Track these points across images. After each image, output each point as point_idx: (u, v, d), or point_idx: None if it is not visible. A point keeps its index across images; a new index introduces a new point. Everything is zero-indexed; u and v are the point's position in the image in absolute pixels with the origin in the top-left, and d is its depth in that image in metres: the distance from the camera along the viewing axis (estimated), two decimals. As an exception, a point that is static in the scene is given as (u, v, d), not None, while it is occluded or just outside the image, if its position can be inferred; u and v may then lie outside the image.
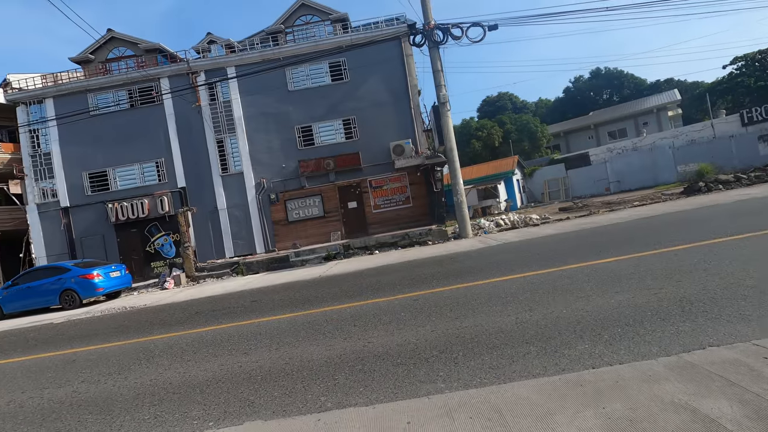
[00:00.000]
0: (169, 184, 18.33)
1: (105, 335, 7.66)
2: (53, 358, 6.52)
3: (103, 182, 18.39)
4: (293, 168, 18.07)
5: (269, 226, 18.15)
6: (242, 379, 4.16)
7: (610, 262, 6.62)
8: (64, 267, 13.33)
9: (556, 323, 4.25)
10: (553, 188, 30.75)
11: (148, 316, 9.07)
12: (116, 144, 18.24)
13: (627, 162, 27.49)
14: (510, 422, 2.58)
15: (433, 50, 14.55)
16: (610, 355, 3.32)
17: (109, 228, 18.23)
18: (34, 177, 18.27)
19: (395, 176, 18.06)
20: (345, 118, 18.12)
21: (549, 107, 54.34)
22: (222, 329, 6.56)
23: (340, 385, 3.64)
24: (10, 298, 13.23)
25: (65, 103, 18.00)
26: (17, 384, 5.33)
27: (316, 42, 17.97)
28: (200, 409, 3.62)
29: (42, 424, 3.87)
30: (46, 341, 8.07)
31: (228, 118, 18.24)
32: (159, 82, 18.20)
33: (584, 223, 12.84)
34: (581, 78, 51.94)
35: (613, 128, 39.82)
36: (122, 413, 3.82)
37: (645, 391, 2.67)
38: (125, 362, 5.51)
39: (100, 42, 18.81)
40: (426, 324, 4.95)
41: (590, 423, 2.43)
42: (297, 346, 4.97)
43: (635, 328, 3.78)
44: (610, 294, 4.89)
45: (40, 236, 18.22)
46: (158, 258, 18.38)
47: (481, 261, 8.99)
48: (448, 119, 14.83)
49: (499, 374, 3.33)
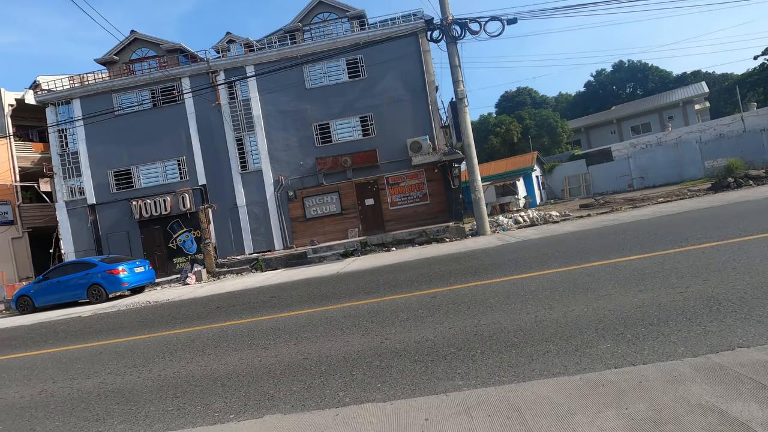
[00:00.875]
0: (191, 181, 18.71)
1: (130, 329, 7.89)
2: (82, 350, 6.75)
3: (127, 180, 18.90)
4: (311, 165, 18.21)
5: (287, 222, 18.36)
6: (262, 373, 4.23)
7: (633, 260, 6.46)
8: (91, 262, 13.78)
9: (577, 322, 4.17)
10: (573, 185, 30.15)
11: (170, 311, 9.30)
12: (140, 143, 18.71)
13: (651, 157, 26.74)
14: (530, 421, 2.55)
15: (450, 46, 14.42)
16: (633, 355, 3.25)
17: (134, 224, 18.74)
18: (63, 175, 18.90)
19: (412, 173, 18.01)
20: (362, 115, 18.14)
21: (569, 102, 53.22)
22: (242, 324, 6.67)
23: (357, 380, 3.66)
24: (42, 292, 13.76)
25: (91, 104, 18.54)
26: (48, 374, 5.54)
27: (334, 39, 18.01)
28: (221, 402, 3.70)
29: (72, 413, 4.02)
30: (75, 334, 8.36)
31: (247, 117, 18.49)
32: (180, 81, 18.57)
33: (606, 220, 12.56)
34: (603, 71, 50.64)
35: (637, 123, 38.74)
36: (147, 404, 3.93)
37: (670, 392, 2.60)
38: (149, 355, 5.67)
39: (124, 43, 19.29)
40: (444, 321, 4.93)
41: (612, 423, 2.38)
42: (315, 341, 5.02)
43: (660, 328, 3.68)
44: (633, 293, 4.77)
45: (68, 232, 18.87)
46: (180, 254, 18.81)
47: (499, 258, 8.90)
48: (465, 115, 14.69)
49: (518, 372, 3.29)
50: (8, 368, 6.28)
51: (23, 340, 8.57)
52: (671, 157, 25.90)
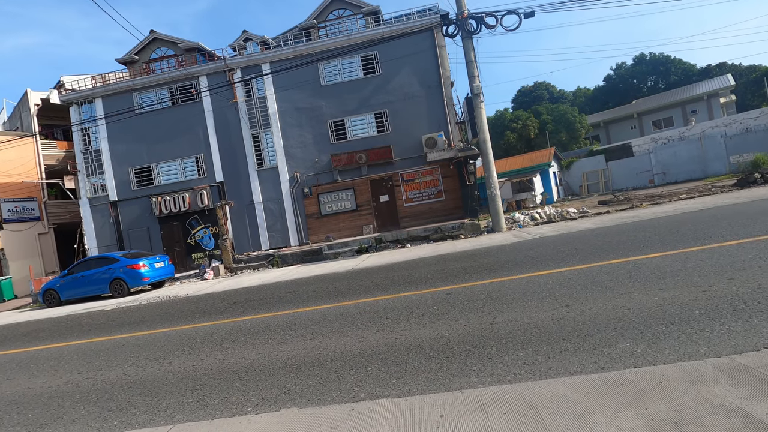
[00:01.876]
0: (208, 178, 19.01)
1: (151, 322, 8.09)
2: (105, 342, 6.96)
3: (147, 177, 19.32)
4: (326, 162, 18.30)
5: (303, 219, 18.51)
6: (278, 368, 4.29)
7: (653, 257, 6.31)
8: (114, 257, 14.16)
9: (595, 320, 4.11)
10: (592, 181, 29.59)
11: (189, 305, 9.50)
12: (159, 141, 19.09)
13: (673, 152, 26.03)
14: (546, 419, 2.53)
15: (466, 40, 14.27)
16: (654, 355, 3.18)
17: (153, 221, 19.16)
18: (86, 173, 19.42)
19: (427, 169, 17.94)
20: (377, 111, 18.13)
21: (588, 96, 52.15)
22: (259, 319, 6.77)
23: (373, 376, 3.69)
24: (67, 286, 14.20)
25: (113, 103, 18.98)
26: (74, 365, 5.73)
27: (348, 36, 18.01)
28: (239, 395, 3.77)
29: (96, 403, 4.16)
30: (98, 327, 8.62)
31: (263, 114, 18.67)
32: (198, 80, 18.84)
33: (626, 216, 12.30)
34: (624, 65, 49.43)
35: (659, 117, 37.73)
36: (167, 396, 4.03)
37: (692, 393, 2.54)
38: (170, 348, 5.81)
39: (143, 43, 19.66)
40: (459, 318, 4.91)
41: (631, 423, 2.35)
42: (331, 336, 5.06)
43: (681, 327, 3.60)
44: (654, 291, 4.67)
45: (91, 228, 19.40)
46: (198, 250, 19.17)
47: (515, 255, 8.81)
48: (481, 111, 14.54)
49: (534, 370, 3.27)
50: (36, 359, 6.51)
51: (50, 332, 8.87)
52: (694, 152, 25.17)
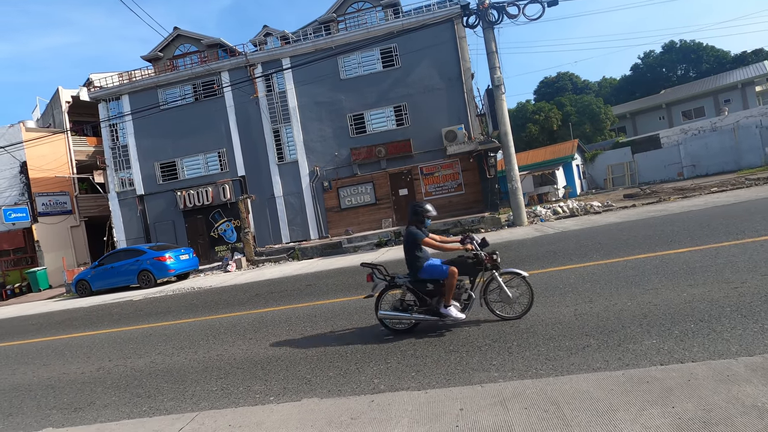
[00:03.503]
0: (230, 172, 19.34)
1: (177, 312, 8.34)
2: (134, 331, 7.21)
3: (172, 172, 19.79)
4: (345, 156, 18.35)
5: (322, 212, 18.66)
6: (299, 359, 4.36)
7: (682, 252, 6.12)
8: (141, 250, 14.60)
9: (619, 316, 4.02)
10: (617, 174, 28.77)
11: (213, 297, 9.73)
12: (183, 136, 19.50)
13: (704, 144, 25.02)
14: (568, 415, 2.49)
15: (487, 31, 14.02)
16: (682, 352, 3.10)
17: (178, 214, 19.65)
18: (114, 167, 20.04)
19: (447, 163, 17.78)
20: (396, 104, 18.04)
21: (614, 87, 50.51)
22: (280, 311, 6.89)
23: (392, 369, 3.71)
24: (98, 277, 14.75)
25: (139, 99, 19.47)
26: (105, 353, 5.96)
27: (368, 29, 17.93)
28: (262, 384, 3.85)
29: (126, 389, 4.32)
30: (127, 316, 8.93)
31: (283, 108, 18.83)
32: (220, 75, 19.13)
33: (652, 210, 11.93)
34: (652, 53, 47.61)
35: (689, 107, 36.27)
36: (193, 384, 4.16)
37: (722, 392, 2.46)
38: (195, 338, 5.97)
39: (168, 40, 20.06)
40: (478, 312, 4.88)
41: (657, 422, 2.29)
42: (351, 329, 5.11)
43: (711, 325, 3.48)
44: (682, 287, 4.53)
45: (120, 221, 20.05)
46: (221, 242, 19.58)
47: (536, 249, 8.67)
48: (502, 103, 14.30)
49: (556, 366, 3.22)
50: (70, 346, 6.81)
51: (82, 321, 9.25)
52: (727, 143, 24.13)
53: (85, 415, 3.83)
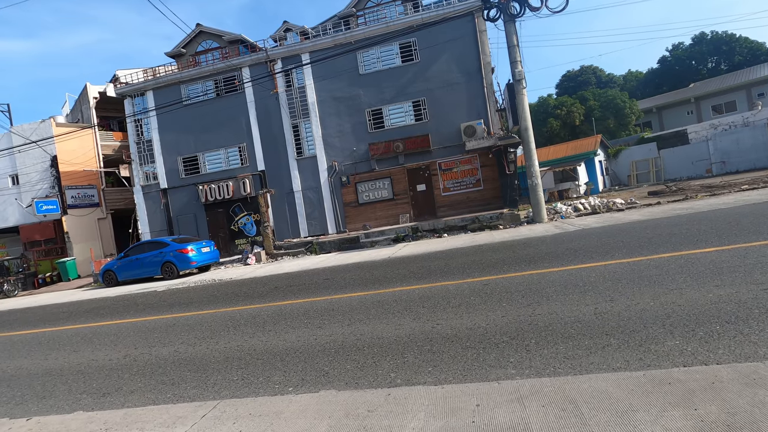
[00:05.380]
0: (250, 167, 19.64)
1: (199, 303, 8.56)
2: (158, 320, 7.44)
3: (194, 166, 20.23)
4: (363, 151, 18.40)
5: (340, 207, 18.78)
6: (317, 351, 4.43)
7: (708, 252, 5.94)
8: (165, 242, 15.00)
9: (641, 316, 3.94)
10: (641, 170, 28.00)
11: (234, 289, 9.94)
12: (205, 131, 19.89)
13: (735, 139, 24.10)
14: (586, 414, 2.47)
15: (508, 24, 13.79)
16: (706, 354, 3.02)
17: (200, 207, 20.09)
18: (139, 162, 20.61)
19: (466, 158, 17.64)
20: (415, 100, 17.96)
21: (640, 80, 49.03)
22: (298, 304, 7.00)
23: (409, 363, 3.73)
24: (123, 268, 15.24)
25: (163, 95, 19.92)
26: (131, 341, 6.18)
27: (387, 23, 17.86)
28: (281, 375, 3.94)
29: (151, 376, 4.48)
30: (151, 306, 9.22)
31: (302, 104, 18.98)
32: (240, 71, 19.40)
33: (678, 208, 11.59)
34: (681, 45, 45.97)
35: (719, 101, 34.93)
36: (215, 373, 4.28)
37: (747, 396, 2.40)
38: (216, 328, 6.13)
39: (190, 36, 20.44)
40: (496, 309, 4.86)
41: (679, 424, 2.26)
42: (367, 323, 5.16)
43: (738, 327, 3.38)
44: (708, 288, 4.40)
45: (144, 214, 20.64)
46: (241, 236, 19.94)
47: (556, 247, 8.55)
48: (523, 97, 14.07)
49: (574, 365, 3.19)
50: (98, 334, 7.08)
51: (109, 310, 9.59)
52: (760, 139, 23.18)
53: (113, 400, 3.99)
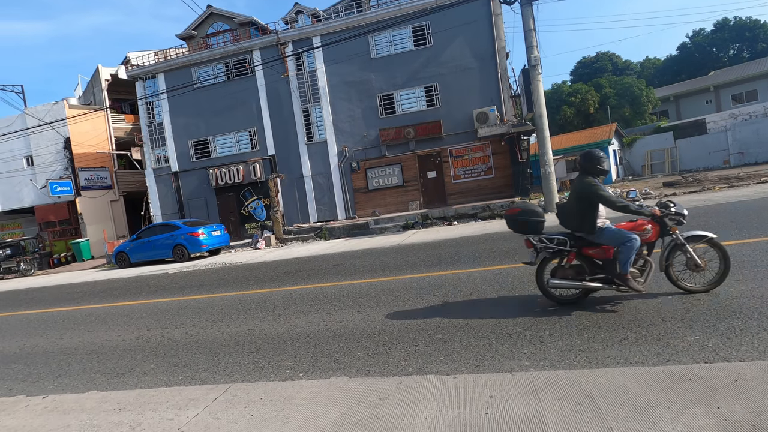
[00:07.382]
0: (261, 151, 19.60)
1: (209, 286, 8.63)
2: (170, 303, 7.52)
3: (205, 149, 20.25)
4: (374, 137, 18.23)
5: (350, 193, 18.72)
6: (328, 337, 4.43)
7: (729, 245, 5.77)
8: (176, 225, 15.13)
9: (659, 309, 3.85)
10: (656, 160, 27.43)
11: (243, 273, 10.00)
12: (215, 114, 19.83)
13: (755, 130, 23.42)
14: (603, 409, 2.42)
15: (525, 8, 13.40)
16: (728, 350, 2.94)
17: (210, 191, 20.18)
18: (150, 144, 20.67)
19: (477, 145, 17.39)
20: (427, 85, 17.67)
21: (658, 68, 47.65)
22: (308, 289, 7.01)
23: (420, 352, 3.71)
24: (136, 250, 15.43)
25: (173, 78, 19.85)
26: (143, 322, 6.25)
27: (400, 6, 17.48)
28: (291, 360, 3.94)
29: (164, 358, 4.52)
30: (163, 288, 9.32)
31: (313, 88, 18.79)
32: (251, 54, 19.21)
33: (695, 200, 11.34)
34: (702, 31, 44.45)
35: (740, 90, 33.86)
36: (226, 356, 4.30)
37: (773, 395, 2.33)
38: (227, 312, 6.17)
39: (201, 18, 20.25)
40: (508, 299, 4.80)
41: (701, 422, 2.19)
42: (378, 310, 5.14)
43: (761, 323, 3.29)
44: (729, 282, 4.28)
45: (156, 197, 20.80)
46: (251, 220, 20.03)
47: (569, 237, 8.41)
48: (538, 84, 13.75)
49: (590, 358, 3.13)
50: (112, 314, 7.18)
51: (122, 291, 9.72)
52: (782, 129, 22.51)
53: (126, 380, 4.04)
